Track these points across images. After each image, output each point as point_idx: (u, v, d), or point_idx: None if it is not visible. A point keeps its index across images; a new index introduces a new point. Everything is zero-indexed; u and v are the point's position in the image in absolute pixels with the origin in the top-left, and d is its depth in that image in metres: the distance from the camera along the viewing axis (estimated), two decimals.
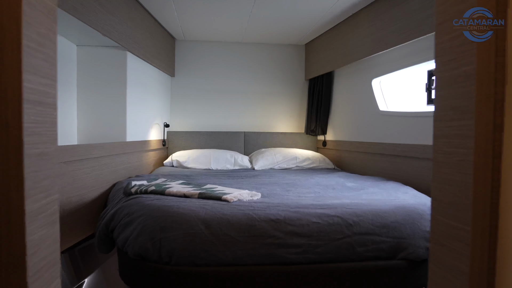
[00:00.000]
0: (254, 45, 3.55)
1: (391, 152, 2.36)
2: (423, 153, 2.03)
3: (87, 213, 1.81)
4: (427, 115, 2.08)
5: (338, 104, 3.21)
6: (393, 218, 1.28)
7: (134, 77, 2.45)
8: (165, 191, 1.48)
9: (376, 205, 1.35)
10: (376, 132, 2.57)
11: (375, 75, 2.58)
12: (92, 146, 1.82)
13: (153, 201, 1.35)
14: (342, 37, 2.86)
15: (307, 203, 1.37)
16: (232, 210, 1.27)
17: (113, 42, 2.14)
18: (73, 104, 2.29)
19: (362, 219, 1.26)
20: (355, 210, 1.30)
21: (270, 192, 1.70)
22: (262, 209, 1.28)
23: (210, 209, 1.26)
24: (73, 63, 2.29)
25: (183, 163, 2.89)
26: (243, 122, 3.55)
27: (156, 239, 1.19)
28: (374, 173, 2.54)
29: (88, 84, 2.31)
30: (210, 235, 1.18)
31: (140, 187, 1.57)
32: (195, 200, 1.38)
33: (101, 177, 1.93)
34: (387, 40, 2.23)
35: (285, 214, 1.24)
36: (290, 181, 2.13)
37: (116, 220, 1.37)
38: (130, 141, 2.38)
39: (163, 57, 3.05)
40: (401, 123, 2.30)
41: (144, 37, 2.54)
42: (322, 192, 1.70)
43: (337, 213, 1.27)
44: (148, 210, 1.27)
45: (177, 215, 1.22)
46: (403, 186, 1.85)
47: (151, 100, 2.91)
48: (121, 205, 1.41)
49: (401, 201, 1.42)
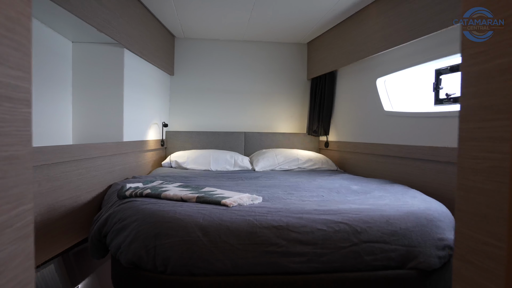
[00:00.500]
0: (255, 44, 3.47)
1: (396, 154, 2.28)
2: (430, 155, 1.96)
3: (81, 215, 1.74)
4: (435, 116, 2.00)
5: (341, 104, 3.13)
6: (403, 224, 1.21)
7: (131, 75, 2.38)
8: (161, 195, 1.40)
9: (384, 211, 1.27)
10: (380, 133, 2.50)
11: (380, 74, 2.50)
12: (87, 146, 1.75)
13: (148, 205, 1.28)
14: (346, 34, 2.79)
15: (311, 208, 1.29)
16: (231, 215, 1.19)
17: (110, 39, 2.07)
18: (68, 103, 2.22)
19: (370, 226, 1.18)
20: (363, 216, 1.22)
21: (272, 195, 1.62)
22: (263, 215, 1.20)
23: (208, 215, 1.18)
24: (68, 60, 2.21)
25: (182, 164, 2.82)
26: (244, 122, 3.48)
27: (150, 246, 1.11)
28: (378, 175, 2.47)
29: (83, 82, 2.24)
30: (208, 243, 1.10)
31: (135, 190, 1.49)
32: (193, 205, 1.30)
33: (96, 179, 1.85)
34: (394, 37, 2.16)
35: (288, 220, 1.17)
36: (292, 183, 2.06)
37: (109, 225, 1.30)
38: (127, 141, 2.30)
39: (162, 55, 2.97)
40: (407, 123, 2.22)
41: (142, 34, 2.47)
42: (326, 196, 1.62)
43: (344, 219, 1.19)
44: (142, 215, 1.19)
45: (173, 221, 1.14)
46: (410, 189, 1.78)
47: (150, 99, 2.84)
48: (114, 210, 1.33)
49: (410, 206, 1.34)
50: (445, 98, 2.04)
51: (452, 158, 1.81)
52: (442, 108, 2.07)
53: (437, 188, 1.92)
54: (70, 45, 2.23)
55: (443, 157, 1.88)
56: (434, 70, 2.11)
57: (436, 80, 2.11)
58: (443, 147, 1.88)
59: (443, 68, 2.05)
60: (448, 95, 2.02)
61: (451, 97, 1.99)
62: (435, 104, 2.13)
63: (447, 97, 2.02)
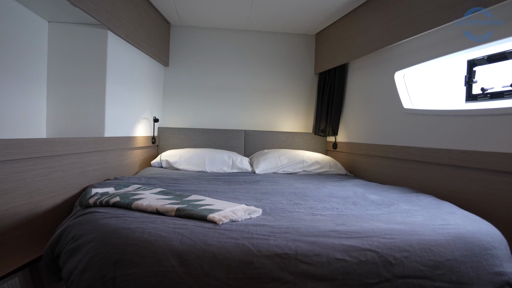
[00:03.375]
0: (258, 34, 3.17)
1: (418, 158, 1.98)
2: (460, 160, 1.67)
3: (44, 224, 1.44)
4: (466, 114, 1.70)
5: (352, 101, 2.82)
6: (450, 253, 0.90)
7: (116, 62, 2.08)
8: (132, 205, 1.09)
9: (422, 233, 0.96)
10: (398, 133, 2.19)
11: (398, 67, 2.20)
12: (51, 141, 1.45)
13: (110, 219, 0.97)
14: (360, 23, 2.49)
15: (326, 227, 0.98)
16: (220, 237, 0.89)
17: (91, 19, 1.79)
18: (42, 92, 1.92)
19: (407, 255, 0.88)
20: (396, 240, 0.91)
21: (274, 206, 1.32)
22: (263, 237, 0.90)
23: (189, 236, 0.88)
24: (44, 42, 1.92)
25: (174, 164, 2.52)
26: (244, 119, 3.19)
27: (108, 277, 0.81)
28: (395, 182, 2.16)
29: (60, 67, 1.95)
30: (186, 276, 0.80)
31: (100, 197, 1.19)
32: (170, 220, 0.99)
33: (64, 180, 1.56)
34: (420, 22, 1.85)
35: (297, 246, 0.86)
36: (298, 189, 1.75)
37: (62, 243, 1.00)
38: (108, 136, 2.01)
39: (155, 43, 2.68)
40: (431, 123, 1.92)
41: (130, 16, 2.17)
42: (342, 208, 1.32)
43: (372, 245, 0.88)
44: (100, 234, 0.89)
45: (139, 243, 0.84)
46: (441, 201, 1.47)
47: (139, 91, 2.54)
48: (69, 223, 1.03)
49: (454, 227, 1.03)
50: (480, 93, 1.73)
51: (489, 165, 1.51)
52: (475, 105, 1.77)
53: (469, 199, 1.62)
54: (45, 25, 1.94)
55: (476, 162, 1.59)
56: (467, 61, 1.80)
57: (469, 72, 1.80)
58: (476, 151, 1.58)
59: (477, 58, 1.74)
60: (484, 90, 1.71)
61: (488, 93, 1.69)
62: (466, 101, 1.83)
63: (483, 93, 1.71)
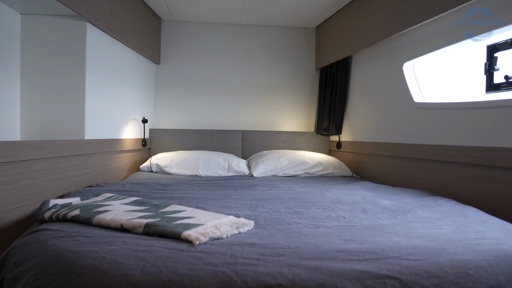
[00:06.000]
0: (254, 28, 2.99)
1: (431, 157, 1.78)
2: (482, 158, 1.48)
3: (7, 240, 1.25)
4: (488, 106, 1.50)
5: (357, 96, 2.63)
6: (493, 279, 0.70)
7: (97, 58, 1.91)
8: (93, 219, 0.90)
9: (455, 252, 0.76)
10: (409, 130, 1.99)
11: (407, 57, 2.00)
12: (16, 144, 1.27)
13: (60, 239, 0.78)
14: (364, 11, 2.29)
15: (333, 246, 0.78)
16: (194, 264, 0.69)
17: (67, 10, 1.62)
18: (15, 91, 1.75)
19: (438, 283, 0.67)
20: (423, 263, 0.71)
21: (270, 215, 1.12)
22: (251, 262, 0.70)
23: (153, 262, 0.68)
24: (16, 37, 1.75)
25: (165, 168, 2.34)
26: (242, 119, 3.00)
27: None
28: (406, 184, 1.96)
29: (35, 64, 1.78)
30: None
31: (59, 209, 1.00)
32: (133, 240, 0.79)
33: (33, 188, 1.37)
34: (428, 6, 1.66)
35: (294, 274, 0.66)
36: (299, 194, 1.55)
37: (6, 269, 0.81)
38: (89, 139, 1.82)
39: (144, 39, 2.50)
40: (447, 117, 1.72)
41: (113, 7, 2.00)
42: (350, 216, 1.11)
43: (392, 269, 0.68)
44: (43, 260, 0.70)
45: (88, 274, 0.65)
46: (465, 206, 1.27)
47: (127, 90, 2.36)
48: (15, 244, 0.84)
49: (493, 241, 0.82)
50: (504, 82, 1.53)
51: None
52: (498, 95, 1.56)
53: (494, 202, 1.42)
54: (18, 18, 1.77)
55: (502, 161, 1.39)
56: (486, 46, 1.60)
57: (489, 59, 1.60)
58: (501, 148, 1.38)
59: (499, 42, 1.53)
60: (508, 77, 1.50)
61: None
62: (487, 91, 1.62)
63: (507, 81, 1.51)
